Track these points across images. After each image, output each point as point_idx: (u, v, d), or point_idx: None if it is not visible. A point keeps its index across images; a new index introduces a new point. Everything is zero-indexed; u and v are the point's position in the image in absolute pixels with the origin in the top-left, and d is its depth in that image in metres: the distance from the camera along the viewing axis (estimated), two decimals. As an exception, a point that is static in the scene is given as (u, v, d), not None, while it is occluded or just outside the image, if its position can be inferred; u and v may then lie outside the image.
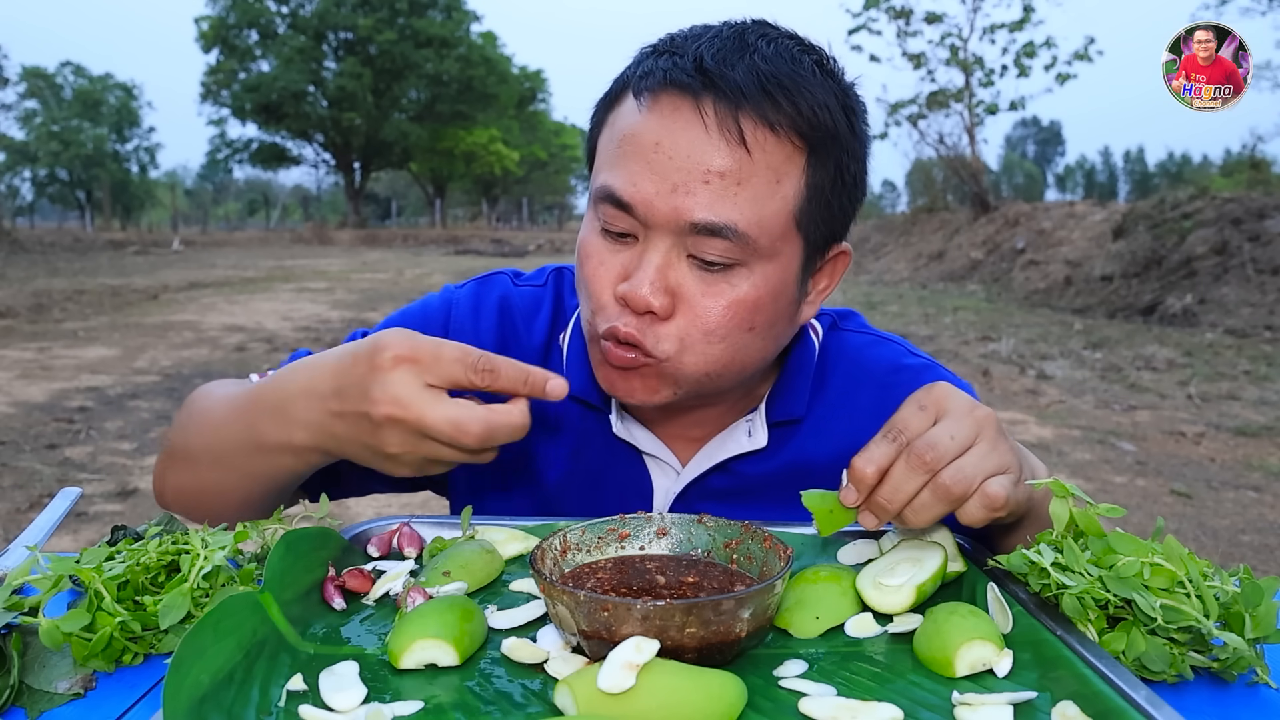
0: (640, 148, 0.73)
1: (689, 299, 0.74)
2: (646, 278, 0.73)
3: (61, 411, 5.16)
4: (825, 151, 0.74)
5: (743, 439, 0.90)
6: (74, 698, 0.58)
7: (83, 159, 46.81)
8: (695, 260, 0.74)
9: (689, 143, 0.71)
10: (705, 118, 0.71)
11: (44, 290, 11.96)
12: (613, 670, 0.50)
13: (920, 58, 18.05)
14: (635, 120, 0.75)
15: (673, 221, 0.72)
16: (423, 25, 39.08)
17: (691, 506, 0.91)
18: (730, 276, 0.74)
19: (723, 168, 0.71)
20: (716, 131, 0.71)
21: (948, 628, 0.58)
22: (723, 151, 0.71)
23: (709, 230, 0.72)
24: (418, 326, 0.87)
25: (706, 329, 0.75)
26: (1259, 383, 6.30)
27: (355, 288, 13.67)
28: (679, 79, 0.72)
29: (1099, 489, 3.94)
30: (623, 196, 0.73)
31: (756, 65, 0.72)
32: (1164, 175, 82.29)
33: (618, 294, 0.75)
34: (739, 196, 0.72)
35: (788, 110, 0.72)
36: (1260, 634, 0.59)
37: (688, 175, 0.71)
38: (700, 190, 0.71)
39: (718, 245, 0.72)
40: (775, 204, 0.73)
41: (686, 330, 0.75)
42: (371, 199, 59.52)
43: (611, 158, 0.76)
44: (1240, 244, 9.87)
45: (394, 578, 0.70)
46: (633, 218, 0.74)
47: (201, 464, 0.83)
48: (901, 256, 17.54)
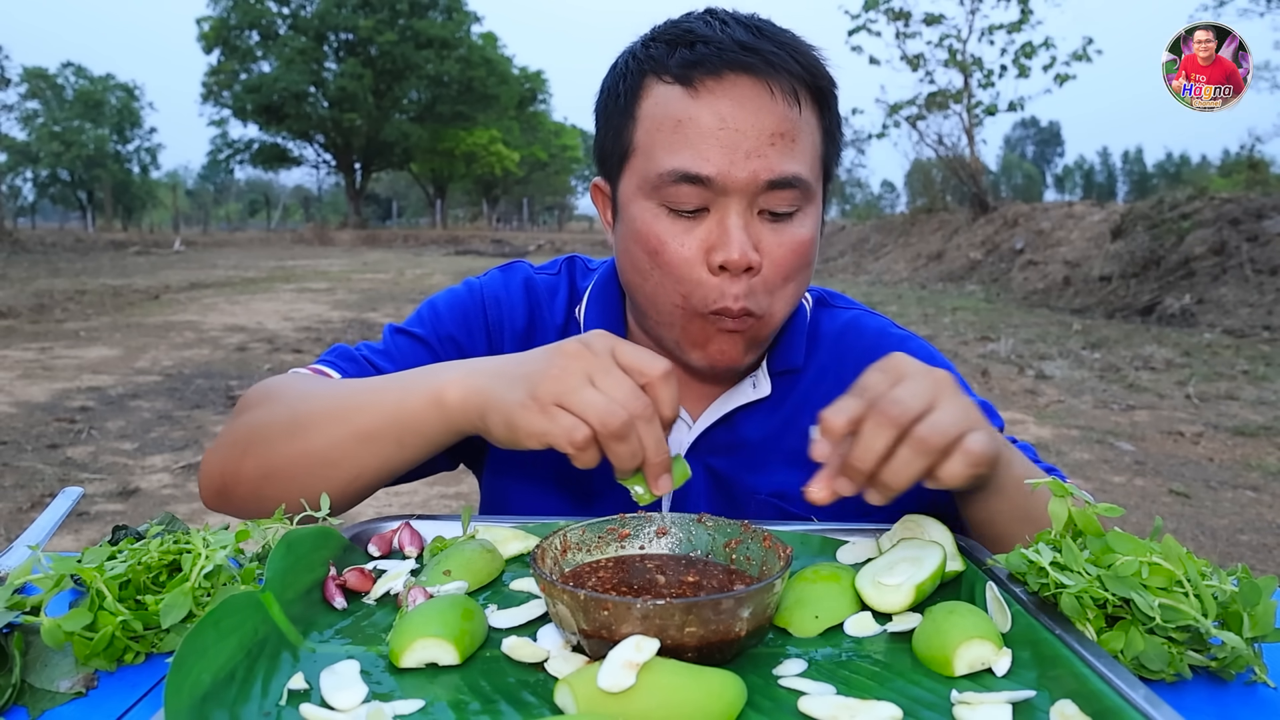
0: (703, 126, 0.81)
1: (768, 250, 0.84)
2: (739, 239, 0.81)
3: (63, 411, 5.16)
4: (827, 99, 0.87)
5: (748, 390, 0.97)
6: (76, 696, 0.58)
7: (84, 159, 46.81)
8: (766, 215, 0.83)
9: (753, 112, 0.81)
10: (758, 86, 0.81)
11: (45, 290, 11.96)
12: (613, 669, 0.50)
13: (919, 59, 18.03)
14: (690, 104, 0.82)
15: (750, 185, 0.81)
16: (423, 26, 39.09)
17: (701, 460, 0.97)
18: (793, 223, 0.84)
19: (782, 129, 0.81)
20: (769, 96, 0.81)
21: (947, 627, 0.58)
22: (778, 115, 0.81)
23: (783, 184, 0.81)
24: (458, 314, 0.98)
25: (785, 274, 0.85)
26: (1257, 383, 6.30)
27: (356, 288, 13.67)
28: (730, 58, 0.81)
29: (1098, 488, 3.94)
30: (700, 173, 0.81)
31: (776, 38, 0.83)
32: (1162, 176, 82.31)
33: (713, 264, 0.82)
34: (796, 150, 0.82)
35: (809, 71, 0.84)
36: (1258, 633, 0.59)
37: (756, 141, 0.81)
38: (769, 152, 0.81)
39: (787, 196, 0.82)
40: (814, 151, 0.85)
41: (770, 279, 0.84)
42: (372, 200, 59.57)
43: (668, 142, 0.83)
44: (1239, 244, 9.87)
45: (395, 577, 0.70)
46: (709, 190, 0.82)
47: (313, 432, 0.80)
48: (901, 257, 17.55)
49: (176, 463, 4.20)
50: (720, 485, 0.98)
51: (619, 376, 0.69)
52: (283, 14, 39.69)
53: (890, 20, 17.95)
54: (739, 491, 0.97)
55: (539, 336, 1.00)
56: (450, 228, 41.64)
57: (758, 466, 0.97)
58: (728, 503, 0.97)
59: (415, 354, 0.98)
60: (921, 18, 17.83)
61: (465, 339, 0.99)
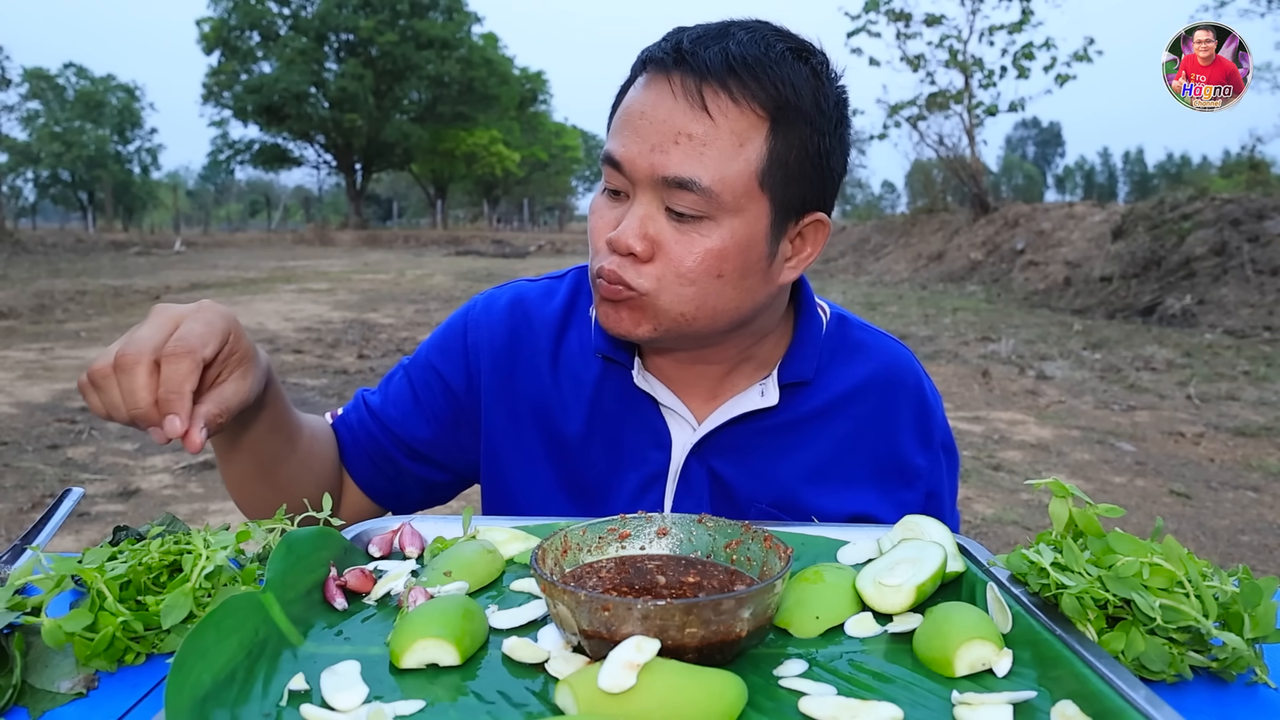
0: (630, 116, 0.86)
1: (665, 246, 0.85)
2: (629, 225, 0.85)
3: (63, 412, 5.17)
4: (788, 124, 0.84)
5: (756, 398, 0.98)
6: (76, 697, 0.58)
7: (85, 160, 46.85)
8: (671, 212, 0.85)
9: (666, 110, 0.84)
10: (675, 89, 0.84)
11: (46, 291, 11.97)
12: (613, 670, 0.50)
13: (919, 59, 18.02)
14: (634, 94, 0.87)
15: (651, 176, 0.84)
16: (424, 27, 39.10)
17: (705, 461, 0.98)
18: (700, 227, 0.85)
19: (691, 131, 0.82)
20: (684, 100, 0.83)
21: (947, 627, 0.58)
22: (690, 117, 0.83)
23: (679, 184, 0.83)
24: (442, 341, 1.07)
25: (679, 272, 0.85)
26: (1258, 383, 6.29)
27: (357, 288, 13.68)
28: (660, 58, 0.86)
29: (1098, 489, 3.94)
30: (615, 156, 0.86)
31: (728, 48, 0.83)
32: (1163, 176, 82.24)
33: (607, 239, 0.87)
34: (704, 156, 0.82)
35: (750, 85, 0.83)
36: (1259, 634, 0.59)
37: (663, 137, 0.83)
38: (672, 150, 0.83)
39: (687, 198, 0.83)
40: (738, 165, 0.83)
41: (663, 272, 0.86)
42: (373, 200, 59.57)
43: (614, 127, 0.89)
44: (1239, 245, 9.87)
45: (395, 577, 0.70)
46: (623, 176, 0.86)
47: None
48: (901, 257, 17.54)
49: (177, 463, 4.20)
50: (722, 489, 0.98)
51: (139, 337, 0.73)
52: (283, 15, 39.69)
53: (891, 21, 17.96)
54: (740, 498, 0.98)
55: (525, 345, 1.03)
56: (451, 228, 41.65)
57: (760, 475, 0.98)
58: (729, 507, 0.98)
59: (400, 385, 1.07)
60: (922, 18, 17.84)
61: (444, 365, 1.05)
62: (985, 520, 3.57)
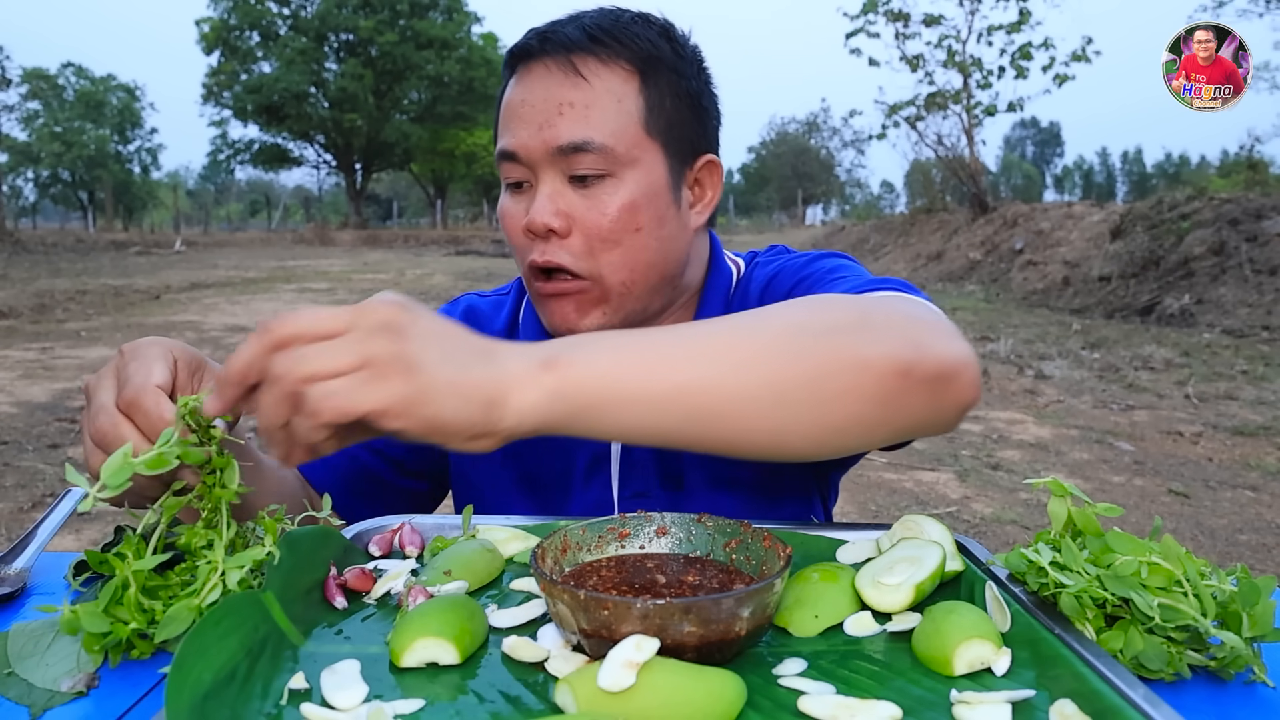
0: (512, 109, 0.91)
1: (579, 215, 0.88)
2: (540, 205, 0.88)
3: (64, 411, 5.16)
4: (655, 73, 0.91)
5: None
6: (77, 696, 0.58)
7: (85, 160, 46.82)
8: (575, 181, 0.88)
9: (544, 89, 0.89)
10: (548, 68, 0.89)
11: (46, 291, 11.96)
12: (613, 669, 0.50)
13: (918, 60, 18.00)
14: (510, 90, 0.93)
15: (546, 152, 0.88)
16: (424, 27, 39.06)
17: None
18: (605, 187, 0.88)
19: (571, 99, 0.87)
20: (558, 73, 0.88)
21: (946, 626, 0.58)
22: (568, 86, 0.88)
23: (574, 148, 0.87)
24: None
25: (600, 235, 0.88)
26: (1256, 383, 6.30)
27: (357, 288, 13.67)
28: (525, 47, 0.91)
29: (1097, 488, 3.94)
30: (509, 149, 0.90)
31: (582, 21, 0.90)
32: (1162, 176, 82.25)
33: (523, 226, 0.90)
34: (590, 117, 0.87)
35: (612, 46, 0.89)
36: (1257, 633, 0.59)
37: (548, 113, 0.88)
38: (559, 121, 0.87)
39: (586, 159, 0.87)
40: (623, 119, 0.88)
41: (586, 240, 0.89)
42: (373, 200, 59.56)
43: (501, 128, 0.93)
44: (1238, 244, 9.87)
45: (395, 577, 0.70)
46: (521, 165, 0.90)
47: None
48: (900, 257, 17.54)
49: (177, 463, 4.20)
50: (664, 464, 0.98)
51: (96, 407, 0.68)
52: (283, 15, 39.64)
53: (889, 21, 17.94)
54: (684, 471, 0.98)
55: None
56: (451, 228, 41.58)
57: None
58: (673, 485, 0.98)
59: None
60: (920, 19, 17.83)
61: None
62: (984, 519, 3.57)
